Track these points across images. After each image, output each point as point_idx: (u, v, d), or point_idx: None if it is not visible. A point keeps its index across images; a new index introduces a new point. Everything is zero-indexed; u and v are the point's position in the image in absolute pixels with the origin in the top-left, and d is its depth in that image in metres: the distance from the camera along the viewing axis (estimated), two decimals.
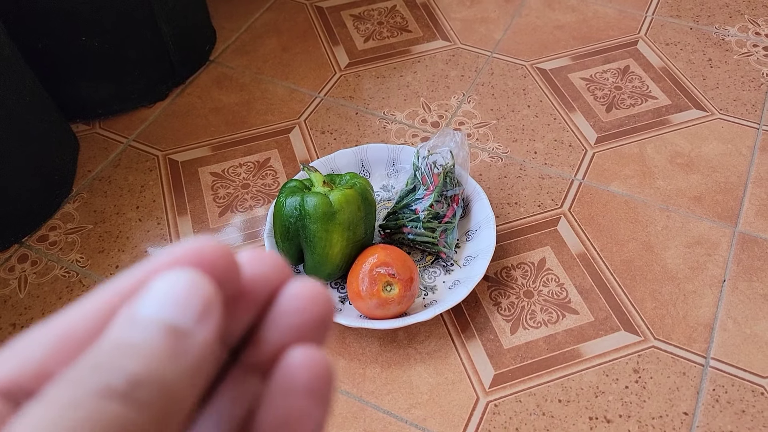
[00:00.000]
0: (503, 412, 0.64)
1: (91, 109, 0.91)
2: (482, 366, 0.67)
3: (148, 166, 0.86)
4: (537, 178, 0.82)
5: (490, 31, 1.02)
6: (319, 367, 0.15)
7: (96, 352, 0.13)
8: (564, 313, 0.70)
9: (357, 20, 1.06)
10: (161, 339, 0.13)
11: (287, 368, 0.15)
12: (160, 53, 0.91)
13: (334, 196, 0.64)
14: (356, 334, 0.69)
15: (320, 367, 0.15)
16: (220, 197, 0.82)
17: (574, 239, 0.76)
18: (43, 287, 0.75)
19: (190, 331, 0.13)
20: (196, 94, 0.95)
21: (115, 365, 0.12)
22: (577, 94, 0.92)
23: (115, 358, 0.12)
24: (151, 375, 0.12)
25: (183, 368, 0.13)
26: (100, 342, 0.13)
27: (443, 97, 0.93)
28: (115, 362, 0.12)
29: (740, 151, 0.85)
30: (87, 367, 0.12)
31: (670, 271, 0.73)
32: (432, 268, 0.73)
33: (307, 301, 0.16)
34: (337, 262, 0.67)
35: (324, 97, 0.94)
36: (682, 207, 0.79)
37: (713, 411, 0.63)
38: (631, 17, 1.04)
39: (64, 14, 0.79)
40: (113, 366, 0.12)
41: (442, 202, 0.72)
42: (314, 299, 0.16)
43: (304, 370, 0.15)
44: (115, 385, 0.12)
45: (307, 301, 0.16)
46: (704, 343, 0.68)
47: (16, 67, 0.75)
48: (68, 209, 0.82)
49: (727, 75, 0.94)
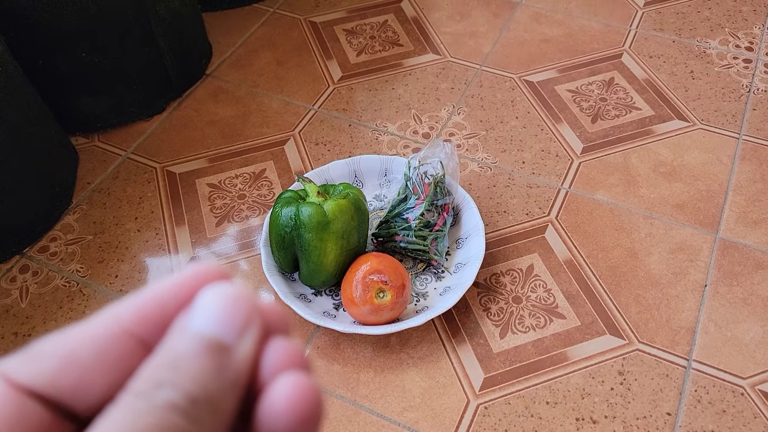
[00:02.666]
0: (493, 414, 0.66)
1: (90, 122, 0.93)
2: (472, 370, 0.69)
3: (147, 178, 0.88)
4: (525, 187, 0.85)
5: (479, 44, 1.05)
6: (309, 393, 0.15)
7: (156, 361, 0.15)
8: (551, 317, 0.72)
9: (350, 35, 1.08)
10: (207, 355, 0.15)
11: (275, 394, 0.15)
12: (158, 68, 0.93)
13: (328, 206, 0.67)
14: (350, 339, 0.71)
15: (309, 392, 0.15)
16: (217, 208, 0.84)
17: (561, 246, 0.78)
18: (44, 297, 0.76)
19: (231, 346, 0.15)
20: (192, 107, 0.98)
21: (175, 382, 0.14)
22: (563, 105, 0.95)
23: (174, 373, 0.14)
24: (203, 394, 0.14)
25: (225, 383, 0.14)
26: (160, 351, 0.15)
27: (434, 109, 0.95)
28: (175, 379, 0.14)
29: (721, 160, 0.87)
30: (153, 380, 0.14)
31: (654, 276, 0.76)
32: (423, 275, 0.75)
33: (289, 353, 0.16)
34: (332, 269, 0.69)
35: (318, 110, 0.96)
36: (665, 214, 0.82)
37: (695, 411, 0.65)
38: (615, 31, 1.07)
39: (64, 31, 0.81)
40: (174, 383, 0.14)
41: (433, 211, 0.75)
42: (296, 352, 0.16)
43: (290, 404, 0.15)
44: (178, 402, 0.14)
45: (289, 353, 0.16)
46: (686, 345, 0.70)
47: (17, 83, 0.77)
48: (68, 220, 0.84)
49: (708, 86, 0.97)
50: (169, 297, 0.16)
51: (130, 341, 0.16)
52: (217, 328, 0.15)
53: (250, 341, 0.15)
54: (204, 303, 0.15)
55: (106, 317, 0.16)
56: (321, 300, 0.73)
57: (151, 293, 0.16)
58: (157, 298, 0.16)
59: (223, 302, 0.15)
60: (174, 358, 0.15)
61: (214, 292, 0.16)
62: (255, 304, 0.16)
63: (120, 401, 0.14)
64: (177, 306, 0.16)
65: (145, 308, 0.16)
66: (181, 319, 0.15)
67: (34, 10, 0.78)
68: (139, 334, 0.16)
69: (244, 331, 0.15)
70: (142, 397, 0.14)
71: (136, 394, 0.14)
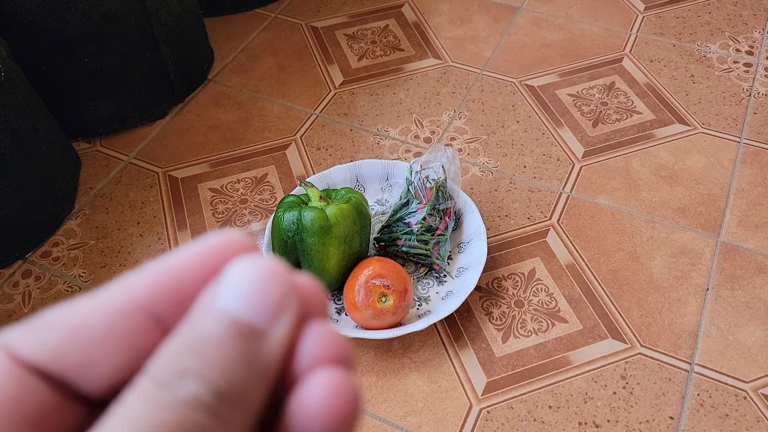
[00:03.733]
0: (495, 418, 0.66)
1: (92, 127, 0.93)
2: (475, 374, 0.69)
3: (149, 183, 0.89)
4: (526, 192, 0.85)
5: (480, 49, 1.06)
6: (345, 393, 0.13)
7: (179, 342, 0.13)
8: (553, 321, 0.72)
9: (351, 39, 1.09)
10: (236, 342, 0.13)
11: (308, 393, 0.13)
12: (160, 73, 0.94)
13: (331, 211, 0.67)
14: (352, 344, 0.71)
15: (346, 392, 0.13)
16: (219, 212, 0.85)
17: (562, 250, 0.79)
18: (46, 302, 0.76)
19: (263, 331, 0.13)
20: (194, 112, 0.98)
21: (201, 373, 0.12)
22: (564, 109, 0.95)
23: (199, 361, 0.12)
24: (232, 389, 0.12)
25: (255, 375, 0.13)
26: (183, 329, 0.13)
27: (435, 114, 0.96)
28: (200, 368, 0.12)
29: (722, 164, 0.88)
30: (175, 367, 0.12)
31: (656, 280, 0.76)
32: (425, 280, 0.75)
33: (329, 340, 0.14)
34: (334, 274, 0.69)
35: (319, 115, 0.96)
36: (666, 218, 0.82)
37: (698, 415, 0.65)
38: (616, 35, 1.07)
39: (66, 37, 0.82)
40: (199, 374, 0.12)
41: (435, 216, 0.75)
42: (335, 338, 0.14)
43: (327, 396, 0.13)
44: (204, 398, 0.12)
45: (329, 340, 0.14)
46: (689, 349, 0.70)
47: (20, 89, 0.77)
48: (71, 225, 0.84)
49: (709, 90, 0.97)
50: (189, 269, 0.14)
51: (144, 317, 0.14)
52: (247, 309, 0.13)
53: (284, 326, 0.13)
54: (233, 278, 0.13)
55: (118, 288, 0.14)
56: None
57: (169, 264, 0.14)
58: (175, 270, 0.14)
59: (255, 278, 0.13)
60: (198, 342, 0.13)
61: (244, 266, 0.13)
62: (291, 281, 0.14)
63: (137, 388, 0.12)
64: (198, 280, 0.14)
65: (161, 281, 0.14)
66: (206, 295, 0.13)
67: (37, 15, 0.79)
68: (153, 310, 0.14)
69: (278, 313, 0.13)
70: (163, 388, 0.12)
71: (156, 382, 0.12)
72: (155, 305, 0.14)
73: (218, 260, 0.14)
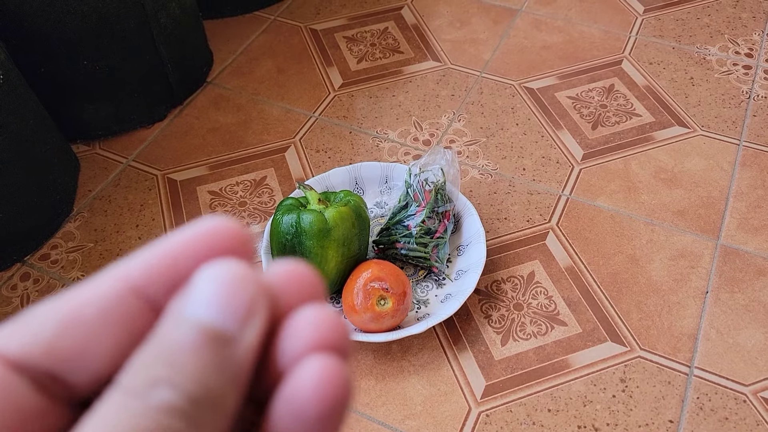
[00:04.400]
0: (494, 422, 0.65)
1: (91, 130, 0.93)
2: (474, 377, 0.68)
3: (148, 186, 0.88)
4: (526, 194, 0.85)
5: (480, 51, 1.06)
6: (336, 382, 0.13)
7: (150, 352, 0.13)
8: (553, 324, 0.72)
9: (350, 42, 1.09)
10: (207, 348, 0.13)
11: (296, 384, 0.13)
12: (159, 75, 0.94)
13: (329, 214, 0.67)
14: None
15: (337, 381, 0.13)
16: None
17: (562, 253, 0.78)
18: None
19: (234, 337, 0.13)
20: (194, 114, 0.98)
21: (173, 380, 0.12)
22: (563, 112, 0.95)
23: (171, 370, 0.13)
24: (204, 394, 0.13)
25: (227, 379, 0.13)
26: (154, 340, 0.13)
27: (434, 116, 0.96)
28: (171, 376, 0.13)
29: (722, 167, 0.87)
30: (148, 377, 0.13)
31: (655, 283, 0.75)
32: (424, 283, 0.75)
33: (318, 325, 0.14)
34: (333, 277, 0.69)
35: (318, 117, 0.96)
36: (666, 221, 0.82)
37: (698, 419, 0.65)
38: (615, 37, 1.07)
39: (65, 40, 0.82)
40: (171, 381, 0.12)
41: (434, 218, 0.75)
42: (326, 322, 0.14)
43: (315, 386, 0.13)
44: (177, 404, 0.12)
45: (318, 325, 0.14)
46: (688, 352, 0.70)
47: (19, 91, 0.77)
48: (69, 228, 0.84)
49: (708, 93, 0.97)
50: (181, 252, 0.14)
51: (138, 300, 0.14)
52: (217, 315, 0.13)
53: (254, 330, 0.13)
54: (201, 286, 0.13)
55: (111, 275, 0.14)
56: None
57: (162, 248, 0.14)
58: (167, 254, 0.14)
59: (223, 285, 0.13)
60: (169, 351, 0.13)
61: (212, 273, 0.14)
62: (260, 286, 0.14)
63: (110, 398, 0.12)
64: (189, 263, 0.14)
65: (154, 264, 0.14)
66: (175, 304, 0.14)
67: (36, 18, 0.79)
68: (147, 293, 0.14)
69: (247, 319, 0.13)
70: (137, 397, 0.12)
71: (128, 392, 0.12)
72: (149, 288, 0.14)
73: (209, 244, 0.14)
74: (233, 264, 0.14)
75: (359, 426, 0.65)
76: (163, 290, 0.14)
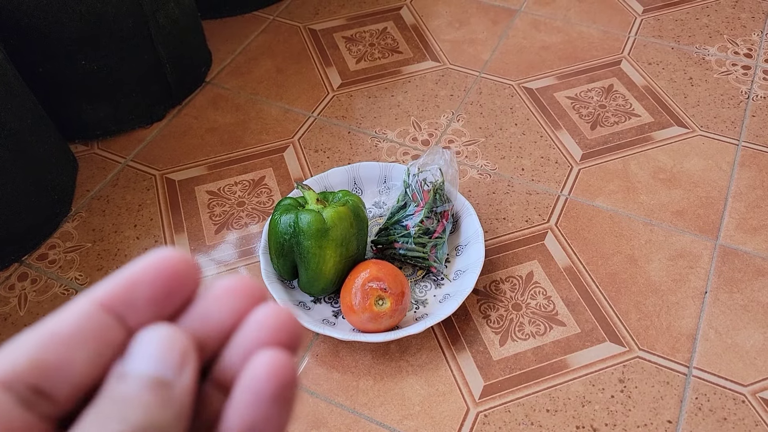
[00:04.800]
0: (493, 422, 0.65)
1: (90, 130, 0.93)
2: (472, 377, 0.68)
3: (146, 186, 0.88)
4: (524, 194, 0.85)
5: (479, 52, 1.06)
6: (283, 370, 0.16)
7: (104, 402, 0.15)
8: (551, 325, 0.72)
9: (349, 42, 1.09)
10: (151, 392, 0.15)
11: (251, 372, 0.16)
12: (158, 75, 0.93)
13: (328, 214, 0.67)
14: (349, 347, 0.71)
15: (284, 370, 0.16)
16: (216, 215, 0.84)
17: (560, 253, 0.78)
18: (42, 305, 0.76)
19: (173, 381, 0.16)
20: (192, 114, 0.98)
21: (124, 417, 0.15)
22: (562, 112, 0.95)
23: (121, 409, 0.15)
24: (151, 424, 0.15)
25: (172, 413, 0.15)
26: (106, 393, 0.16)
27: (433, 116, 0.96)
28: (123, 413, 0.15)
29: (720, 167, 0.87)
30: (100, 417, 0.15)
31: (654, 283, 0.75)
32: (423, 283, 0.75)
33: (270, 321, 0.17)
34: (331, 277, 0.69)
35: (317, 117, 0.96)
36: (664, 221, 0.81)
37: (696, 419, 0.65)
38: (614, 38, 1.07)
39: (64, 39, 0.82)
40: (122, 417, 0.15)
41: (432, 218, 0.75)
42: (277, 318, 0.17)
43: (267, 373, 0.16)
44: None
45: (270, 321, 0.17)
46: (687, 353, 0.70)
47: (17, 91, 0.77)
48: (67, 228, 0.84)
49: (707, 93, 0.97)
50: (139, 276, 0.17)
51: (106, 316, 0.16)
52: (157, 367, 0.16)
53: (189, 374, 0.16)
54: (141, 347, 0.16)
55: (82, 298, 0.17)
56: (320, 307, 0.73)
57: (124, 274, 0.17)
58: (129, 277, 0.17)
59: (159, 343, 0.16)
60: (119, 398, 0.15)
61: (149, 335, 0.16)
62: (189, 339, 0.17)
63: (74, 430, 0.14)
64: (145, 284, 0.17)
65: (118, 286, 0.17)
66: (117, 368, 0.16)
67: (34, 17, 0.79)
68: (116, 310, 0.17)
69: (182, 366, 0.16)
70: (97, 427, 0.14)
71: (90, 425, 0.14)
72: (116, 306, 0.17)
73: (159, 269, 0.17)
74: (164, 327, 0.17)
75: (357, 426, 0.65)
76: (126, 306, 0.17)
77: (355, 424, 0.65)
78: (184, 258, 0.18)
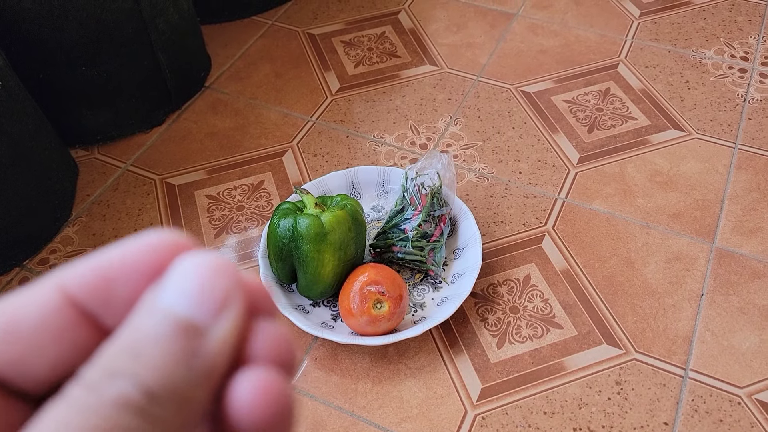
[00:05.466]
0: (490, 424, 0.66)
1: (90, 135, 0.94)
2: (470, 380, 0.69)
3: (146, 190, 0.89)
4: (522, 198, 0.85)
5: (476, 55, 1.06)
6: (276, 397, 0.13)
7: (117, 343, 0.12)
8: (548, 327, 0.73)
9: (347, 46, 1.09)
10: (174, 339, 0.12)
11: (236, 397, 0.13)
12: (157, 80, 0.94)
13: (326, 218, 0.67)
14: (348, 350, 0.71)
15: (276, 396, 0.13)
16: (215, 219, 0.85)
17: (557, 256, 0.79)
18: None
19: (205, 328, 0.13)
20: (191, 119, 0.99)
21: (133, 372, 0.12)
22: (559, 115, 0.96)
23: (133, 361, 0.12)
24: (167, 389, 0.12)
25: (195, 374, 0.12)
26: (122, 330, 0.13)
27: (431, 120, 0.96)
28: (132, 368, 0.12)
29: (717, 170, 0.88)
30: (107, 369, 0.12)
31: (650, 285, 0.76)
32: (421, 286, 0.75)
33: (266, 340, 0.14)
34: (329, 280, 0.70)
35: (316, 121, 0.97)
36: (661, 224, 0.82)
37: (692, 421, 0.65)
38: (611, 41, 1.08)
39: (64, 46, 0.82)
40: (130, 373, 0.12)
41: (430, 222, 0.75)
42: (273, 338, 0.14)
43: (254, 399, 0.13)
44: (133, 398, 0.12)
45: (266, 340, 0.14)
46: (683, 355, 0.70)
47: (18, 97, 0.77)
48: (68, 233, 0.85)
49: (704, 96, 0.98)
50: (120, 265, 0.14)
51: (74, 312, 0.14)
52: (190, 306, 0.13)
53: (228, 323, 0.13)
54: (177, 275, 0.13)
55: (48, 284, 0.14)
56: (319, 311, 0.73)
57: (100, 260, 0.14)
58: (105, 266, 0.14)
59: (198, 275, 0.13)
60: (136, 341, 0.12)
61: (189, 263, 0.13)
62: (237, 277, 0.13)
63: (66, 393, 0.12)
64: (128, 277, 0.14)
65: (91, 275, 0.14)
66: (150, 294, 0.13)
67: (34, 24, 0.79)
68: (84, 305, 0.14)
69: (221, 310, 0.13)
70: (91, 390, 0.12)
71: (84, 386, 0.12)
72: (85, 300, 0.14)
73: (152, 258, 0.14)
74: (210, 256, 0.13)
75: (356, 429, 0.66)
76: (99, 303, 0.14)
77: (354, 427, 0.66)
78: (178, 242, 0.14)
